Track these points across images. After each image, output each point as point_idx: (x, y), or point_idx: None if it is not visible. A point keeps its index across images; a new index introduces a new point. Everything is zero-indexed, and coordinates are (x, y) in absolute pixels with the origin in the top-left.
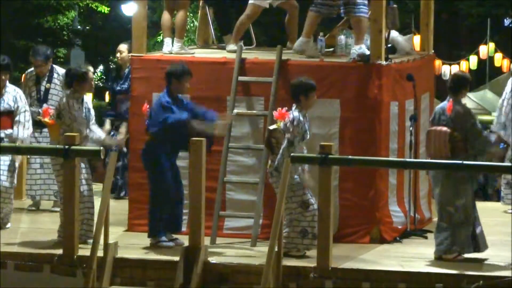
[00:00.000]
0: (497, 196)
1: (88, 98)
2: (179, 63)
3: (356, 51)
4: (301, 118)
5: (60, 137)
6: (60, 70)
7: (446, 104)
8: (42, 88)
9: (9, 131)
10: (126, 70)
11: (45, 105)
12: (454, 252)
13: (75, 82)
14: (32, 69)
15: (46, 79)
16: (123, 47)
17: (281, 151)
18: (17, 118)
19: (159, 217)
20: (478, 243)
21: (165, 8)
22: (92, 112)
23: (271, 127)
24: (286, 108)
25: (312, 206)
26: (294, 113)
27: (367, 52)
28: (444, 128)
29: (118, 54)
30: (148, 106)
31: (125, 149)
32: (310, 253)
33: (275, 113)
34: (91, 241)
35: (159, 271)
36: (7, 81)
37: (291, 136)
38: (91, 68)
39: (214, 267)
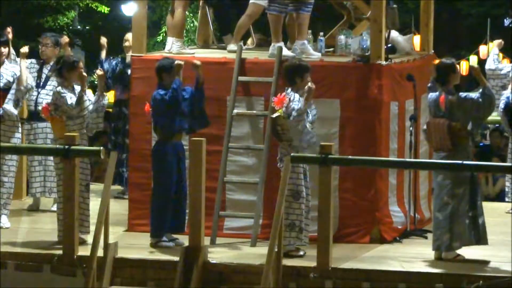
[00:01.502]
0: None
1: (79, 88)
2: (166, 58)
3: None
4: (300, 97)
5: (65, 132)
6: None
7: (437, 97)
8: (43, 76)
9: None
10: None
11: (46, 99)
12: (454, 248)
13: (65, 70)
14: (33, 60)
15: (49, 67)
16: (130, 36)
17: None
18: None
19: (162, 218)
20: (480, 234)
21: (170, 9)
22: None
23: (274, 115)
24: (282, 93)
25: (302, 199)
26: (291, 94)
27: (310, 50)
28: (442, 120)
29: (127, 43)
30: (149, 106)
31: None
32: (310, 253)
33: (274, 100)
34: (83, 237)
35: (159, 271)
36: (6, 59)
37: (294, 110)
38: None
39: (214, 267)
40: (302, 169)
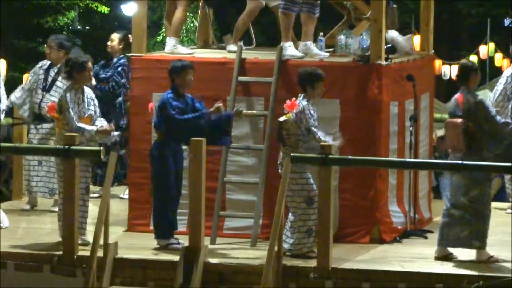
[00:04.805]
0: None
1: (90, 90)
2: (178, 60)
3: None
4: (310, 107)
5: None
6: None
7: (457, 96)
8: (50, 78)
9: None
10: (115, 59)
11: (50, 101)
12: (473, 247)
13: (75, 71)
14: (46, 61)
15: (56, 70)
16: (114, 36)
17: (304, 145)
18: None
19: (169, 218)
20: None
21: (166, 14)
22: (97, 103)
23: (281, 119)
24: (294, 98)
25: (316, 203)
26: (303, 102)
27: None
28: (459, 120)
29: (109, 43)
30: (153, 104)
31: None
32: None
33: (286, 103)
34: (83, 237)
35: (159, 271)
36: None
37: (306, 124)
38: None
39: (214, 267)
40: (309, 173)
